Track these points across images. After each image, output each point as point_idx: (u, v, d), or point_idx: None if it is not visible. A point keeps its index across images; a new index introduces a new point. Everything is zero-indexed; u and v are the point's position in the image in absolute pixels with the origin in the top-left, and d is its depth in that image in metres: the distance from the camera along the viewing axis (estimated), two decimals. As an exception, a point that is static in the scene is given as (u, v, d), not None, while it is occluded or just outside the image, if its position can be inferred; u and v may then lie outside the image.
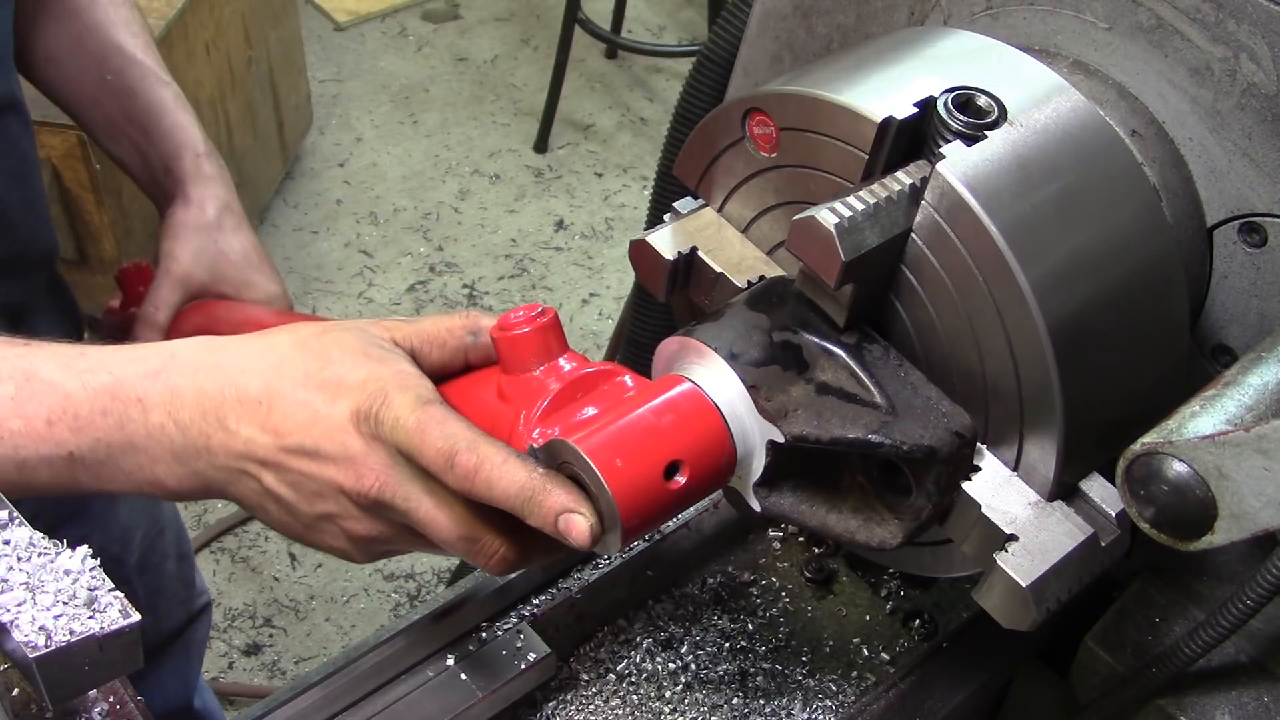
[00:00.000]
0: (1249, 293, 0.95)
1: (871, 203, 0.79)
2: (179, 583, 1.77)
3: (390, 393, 0.82)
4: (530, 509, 0.79)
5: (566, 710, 1.05)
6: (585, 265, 3.85)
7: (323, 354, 0.85)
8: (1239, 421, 0.74)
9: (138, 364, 0.85)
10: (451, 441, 0.79)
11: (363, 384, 0.83)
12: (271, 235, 3.81)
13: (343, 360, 0.85)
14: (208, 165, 1.40)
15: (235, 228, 1.39)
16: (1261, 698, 0.93)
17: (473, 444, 0.79)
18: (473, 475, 0.79)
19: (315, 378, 0.84)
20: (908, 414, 0.82)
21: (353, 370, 0.84)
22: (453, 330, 0.90)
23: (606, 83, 4.55)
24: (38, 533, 0.73)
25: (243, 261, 1.38)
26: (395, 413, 0.81)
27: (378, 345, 0.87)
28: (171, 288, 1.35)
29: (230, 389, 0.84)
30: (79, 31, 1.38)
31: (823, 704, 1.07)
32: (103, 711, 0.88)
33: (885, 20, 1.09)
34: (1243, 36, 0.89)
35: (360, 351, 0.85)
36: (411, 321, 0.90)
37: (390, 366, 0.85)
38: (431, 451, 0.80)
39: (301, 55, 3.88)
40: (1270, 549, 0.81)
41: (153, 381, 0.84)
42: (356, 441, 0.82)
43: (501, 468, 0.79)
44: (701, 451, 0.81)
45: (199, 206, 1.37)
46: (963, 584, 1.13)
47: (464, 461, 0.79)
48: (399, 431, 0.81)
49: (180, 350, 0.87)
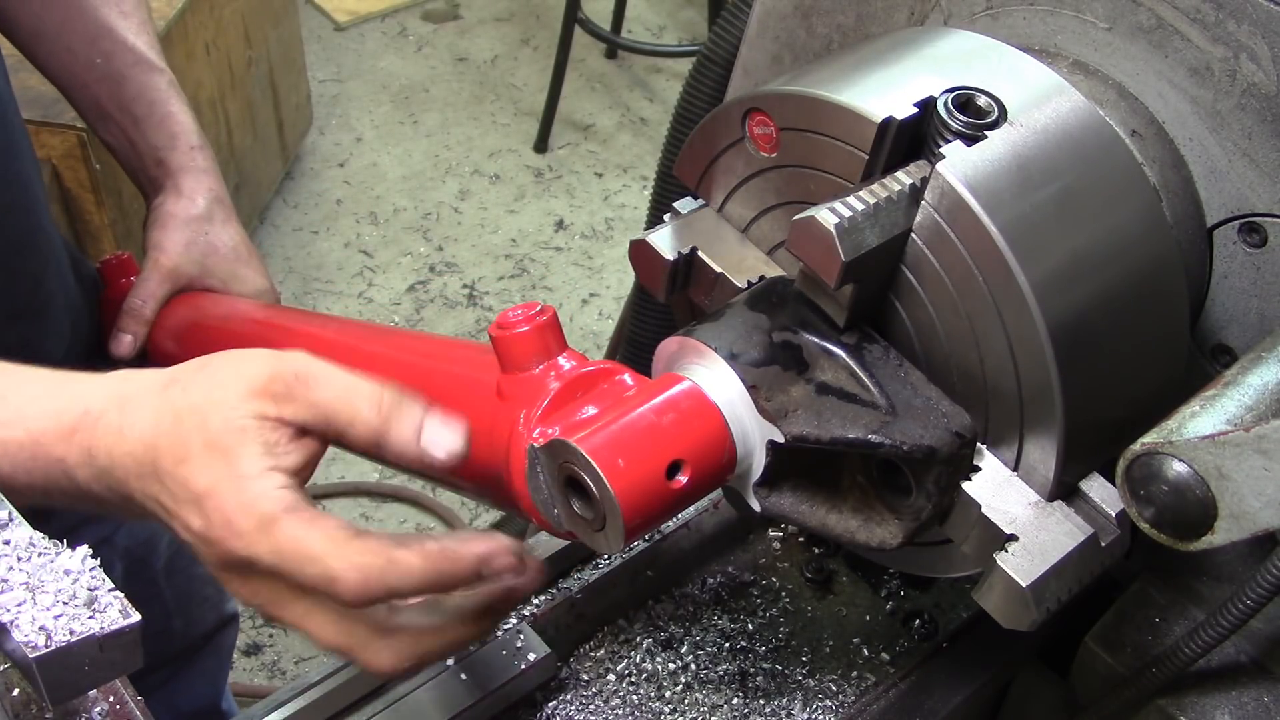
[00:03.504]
0: (1249, 293, 0.95)
1: (871, 203, 0.79)
2: (210, 587, 1.74)
3: (231, 518, 0.74)
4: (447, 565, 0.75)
5: (566, 710, 1.05)
6: (585, 265, 3.85)
7: (183, 442, 0.77)
8: (1239, 421, 0.74)
9: (53, 420, 0.80)
10: (320, 565, 0.73)
11: (202, 498, 0.75)
12: (271, 235, 3.81)
13: (193, 456, 0.76)
14: (200, 157, 1.37)
15: (225, 221, 1.37)
16: (1261, 698, 0.93)
17: (343, 555, 0.73)
18: (373, 584, 0.73)
19: (172, 474, 0.77)
20: (908, 414, 0.82)
21: (198, 472, 0.76)
22: (355, 424, 0.78)
23: (606, 83, 4.55)
24: (37, 533, 0.73)
25: (232, 255, 1.37)
26: (245, 544, 0.74)
27: (233, 433, 0.76)
28: (160, 280, 1.33)
29: (129, 462, 0.78)
30: (68, 9, 1.34)
31: (823, 704, 1.07)
32: (103, 711, 0.88)
33: (885, 20, 1.09)
34: (1243, 36, 0.89)
35: (213, 448, 0.76)
36: (308, 390, 0.78)
37: (234, 472, 0.75)
38: (306, 580, 0.74)
39: (301, 55, 3.88)
40: (1270, 549, 0.81)
41: (69, 444, 0.79)
42: (219, 560, 0.77)
43: (393, 564, 0.73)
44: (702, 451, 0.81)
45: (190, 198, 1.35)
46: (963, 584, 1.13)
47: (351, 581, 0.72)
48: (258, 564, 0.75)
49: (93, 405, 0.80)
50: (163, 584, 1.62)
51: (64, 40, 1.34)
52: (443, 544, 0.75)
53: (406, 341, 1.18)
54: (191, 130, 1.38)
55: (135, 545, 1.54)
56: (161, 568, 1.61)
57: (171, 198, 1.36)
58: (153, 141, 1.37)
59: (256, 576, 0.76)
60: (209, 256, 1.35)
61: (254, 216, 3.72)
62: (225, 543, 0.75)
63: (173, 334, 1.35)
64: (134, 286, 1.34)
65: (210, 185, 1.37)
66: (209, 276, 1.35)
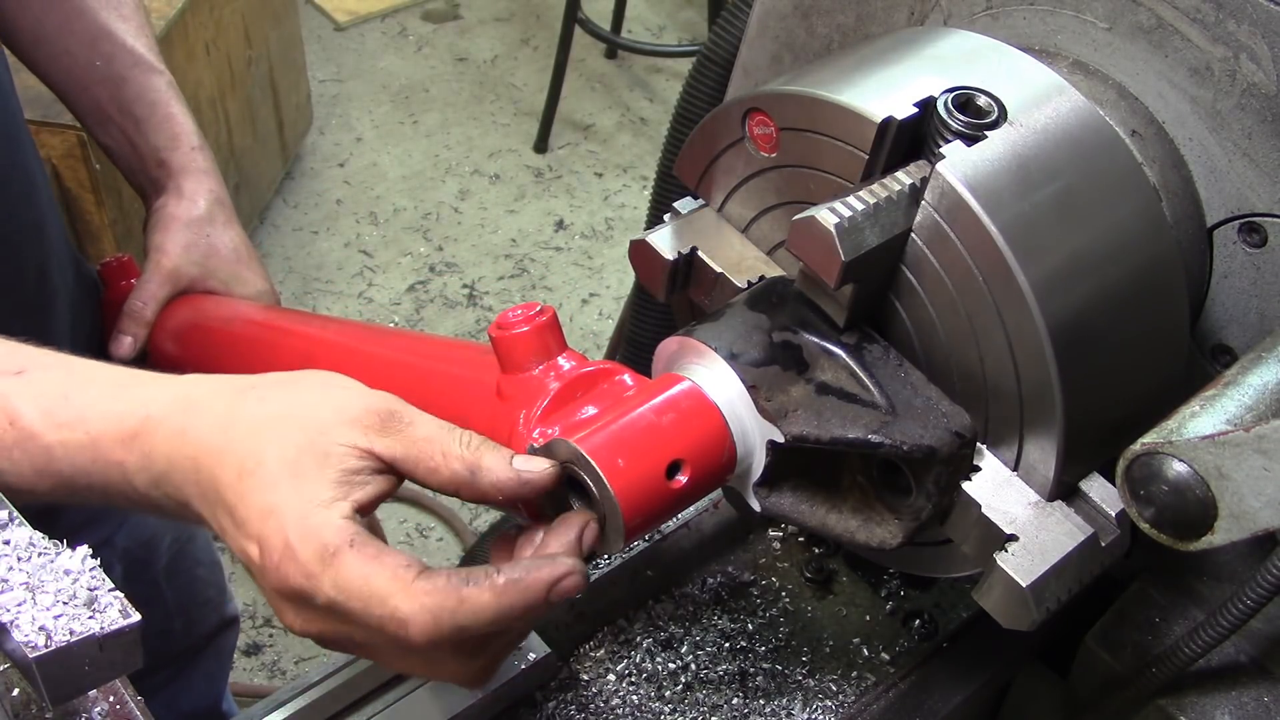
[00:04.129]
0: (1249, 293, 0.95)
1: (871, 203, 0.79)
2: (212, 589, 1.75)
3: (292, 544, 0.72)
4: (524, 602, 0.73)
5: (566, 710, 1.05)
6: (585, 265, 3.85)
7: (252, 453, 0.75)
8: (1239, 421, 0.74)
9: (114, 423, 0.79)
10: (388, 607, 0.71)
11: (263, 517, 0.74)
12: (271, 235, 3.81)
13: (262, 469, 0.75)
14: (201, 159, 1.37)
15: (226, 222, 1.37)
16: (1261, 698, 0.93)
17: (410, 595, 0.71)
18: (444, 626, 0.71)
19: (233, 485, 0.75)
20: (908, 414, 0.82)
21: (263, 488, 0.74)
22: (449, 457, 0.77)
23: (606, 83, 4.55)
24: (37, 533, 0.73)
25: (233, 257, 1.36)
26: (304, 574, 0.72)
27: (316, 454, 0.75)
28: (160, 282, 1.32)
29: (189, 465, 0.77)
30: (67, 13, 1.34)
31: (823, 704, 1.07)
32: (103, 711, 0.88)
33: (885, 20, 1.09)
34: (1243, 36, 0.89)
35: (287, 465, 0.74)
36: (404, 426, 0.78)
37: (302, 496, 0.73)
38: (371, 621, 0.72)
39: (301, 55, 3.88)
40: (1270, 549, 0.81)
41: (129, 449, 0.79)
42: (274, 587, 0.75)
43: (464, 604, 0.72)
44: (702, 451, 0.81)
45: (191, 200, 1.35)
46: (963, 584, 1.13)
47: (424, 624, 0.71)
48: (317, 597, 0.73)
49: (155, 410, 0.79)
50: (164, 585, 1.62)
51: (64, 43, 1.34)
52: (510, 576, 0.73)
53: (406, 342, 1.18)
54: (192, 131, 1.38)
55: (135, 546, 1.53)
56: (162, 569, 1.61)
57: (173, 199, 1.35)
58: (154, 142, 1.37)
59: (313, 609, 0.74)
60: (210, 258, 1.35)
61: (254, 216, 3.72)
62: (281, 569, 0.73)
63: (173, 336, 1.34)
64: (134, 288, 1.34)
65: (211, 187, 1.37)
66: (210, 278, 1.35)
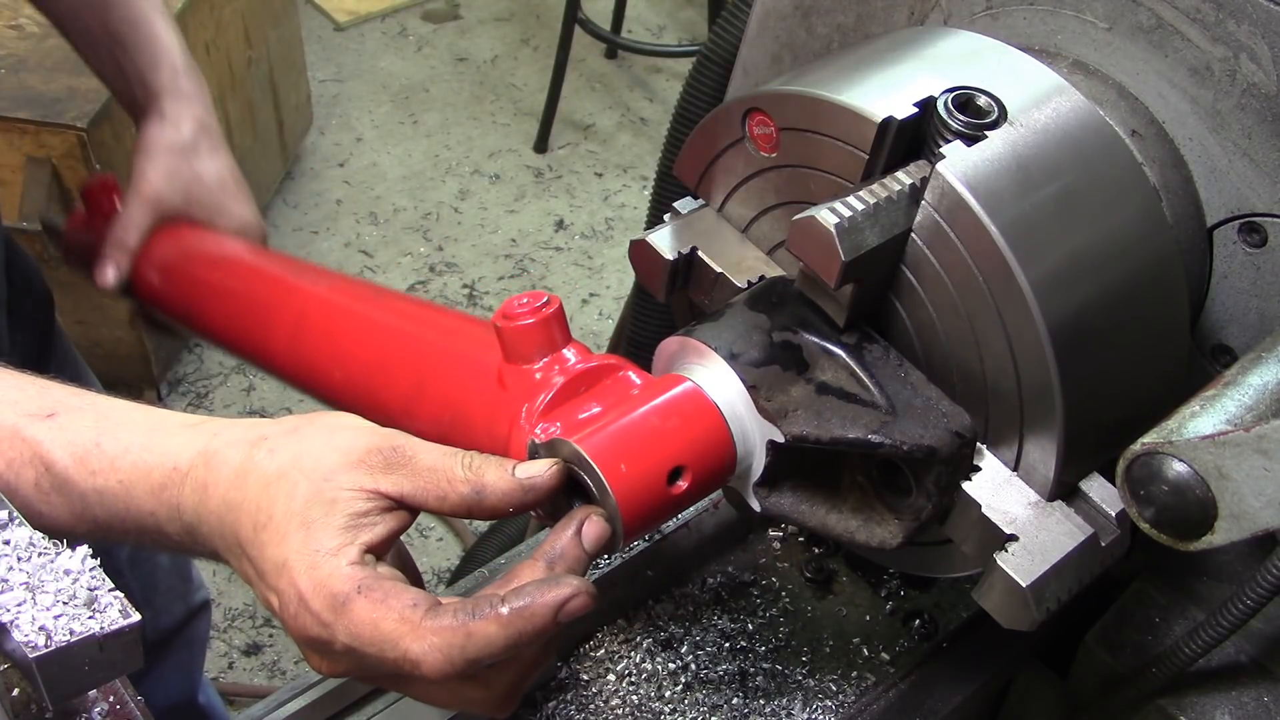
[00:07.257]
0: (1249, 293, 0.95)
1: (871, 203, 0.79)
2: (175, 577, 1.74)
3: (305, 595, 0.74)
4: (523, 633, 0.73)
5: (566, 710, 1.05)
6: (585, 265, 3.85)
7: (264, 508, 0.76)
8: (1239, 421, 0.74)
9: (143, 474, 0.81)
10: (399, 650, 0.72)
11: (279, 570, 0.75)
12: (272, 235, 3.76)
13: (273, 523, 0.76)
14: (185, 82, 1.33)
15: (212, 150, 1.33)
16: (1261, 698, 0.94)
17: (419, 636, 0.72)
18: (456, 662, 0.72)
19: (252, 540, 0.77)
20: (908, 414, 0.82)
21: (276, 541, 0.75)
22: (454, 483, 0.78)
23: (606, 83, 4.55)
24: (38, 533, 0.73)
25: (217, 186, 1.33)
26: (319, 624, 0.74)
27: (323, 502, 0.75)
28: (142, 209, 1.30)
29: (213, 519, 0.79)
30: None
31: (823, 704, 1.07)
32: (103, 711, 0.87)
33: (885, 20, 1.09)
34: (1243, 36, 0.89)
35: (295, 516, 0.75)
36: (407, 460, 0.78)
37: (310, 547, 0.74)
38: (387, 663, 0.73)
39: (301, 55, 3.88)
40: (1270, 549, 0.81)
41: (159, 500, 0.80)
42: (298, 636, 0.76)
43: (472, 638, 0.72)
44: (703, 455, 0.81)
45: (174, 125, 1.32)
46: (963, 584, 1.13)
47: (435, 663, 0.72)
48: (334, 645, 0.74)
49: (181, 463, 0.80)
50: (127, 575, 1.60)
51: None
52: (515, 606, 0.73)
53: (405, 308, 1.14)
54: (176, 52, 1.34)
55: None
56: (125, 558, 1.59)
57: (155, 124, 1.32)
58: (137, 64, 1.33)
59: (335, 654, 0.75)
60: (193, 187, 1.32)
61: (254, 216, 3.71)
62: (299, 620, 0.74)
63: (158, 268, 1.32)
64: (118, 215, 1.31)
65: (196, 112, 1.33)
66: (194, 207, 1.31)
